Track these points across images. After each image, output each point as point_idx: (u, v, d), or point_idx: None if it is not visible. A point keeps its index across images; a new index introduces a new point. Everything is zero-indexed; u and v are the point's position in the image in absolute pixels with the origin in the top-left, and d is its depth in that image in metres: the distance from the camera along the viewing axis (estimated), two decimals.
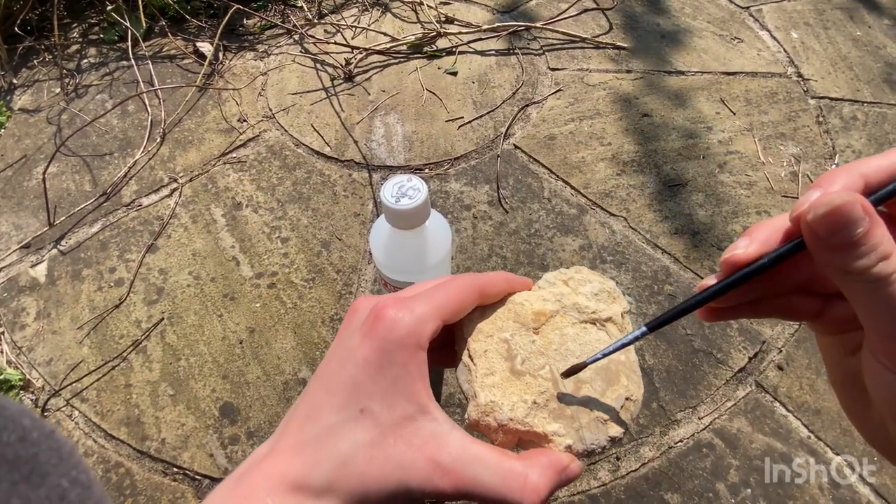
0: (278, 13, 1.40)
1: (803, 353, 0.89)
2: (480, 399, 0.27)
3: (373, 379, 0.25)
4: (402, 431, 0.24)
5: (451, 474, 0.24)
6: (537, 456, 0.26)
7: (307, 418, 0.25)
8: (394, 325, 0.25)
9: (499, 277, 0.30)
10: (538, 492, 0.24)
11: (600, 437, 0.27)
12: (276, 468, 0.24)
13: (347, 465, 0.23)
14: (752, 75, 1.25)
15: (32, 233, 1.01)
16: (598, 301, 0.31)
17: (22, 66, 1.29)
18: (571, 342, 0.29)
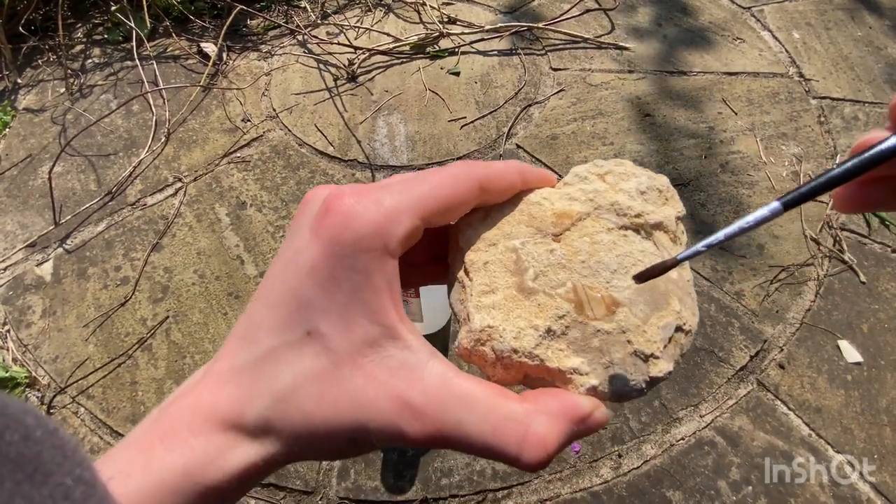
0: (282, 14, 1.41)
1: (804, 352, 0.89)
2: (475, 322, 0.21)
3: (324, 291, 0.19)
4: (361, 361, 0.19)
5: (424, 418, 0.18)
6: (546, 398, 0.20)
7: (243, 339, 0.20)
8: (351, 221, 0.19)
9: (509, 168, 0.23)
10: (544, 446, 0.19)
11: (637, 378, 0.21)
12: (204, 400, 0.19)
13: (289, 401, 0.19)
14: (753, 75, 1.26)
15: (38, 231, 1.02)
16: (644, 201, 0.23)
17: (26, 66, 1.30)
18: (606, 253, 0.22)
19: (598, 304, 0.21)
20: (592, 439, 0.81)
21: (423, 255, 0.26)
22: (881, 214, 1.04)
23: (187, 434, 0.19)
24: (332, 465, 0.79)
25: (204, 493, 0.18)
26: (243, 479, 0.19)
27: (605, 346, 0.21)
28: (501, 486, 0.78)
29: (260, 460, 0.19)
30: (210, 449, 0.19)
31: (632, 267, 0.22)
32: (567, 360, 0.21)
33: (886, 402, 0.85)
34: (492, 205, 0.24)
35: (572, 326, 0.21)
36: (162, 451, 0.18)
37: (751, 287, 0.96)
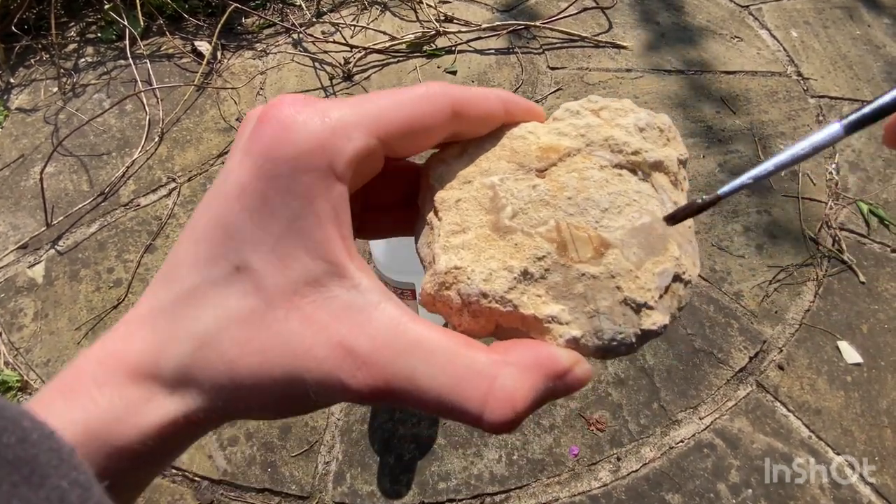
0: (277, 12, 1.40)
1: (804, 353, 0.89)
2: (440, 264, 0.19)
3: (255, 219, 0.16)
4: (298, 301, 0.16)
5: (369, 367, 0.16)
6: (518, 348, 0.17)
7: (165, 278, 0.17)
8: (288, 132, 0.16)
9: (490, 94, 0.20)
10: (511, 402, 0.16)
11: (626, 330, 0.18)
12: (113, 347, 0.17)
13: (210, 347, 0.16)
14: (751, 74, 1.25)
15: (30, 233, 1.01)
16: (643, 139, 0.21)
17: (19, 66, 1.29)
18: (596, 190, 0.19)
19: (585, 245, 0.19)
20: (591, 442, 0.80)
21: (391, 197, 0.23)
22: (880, 213, 1.04)
23: (91, 386, 0.16)
24: (328, 470, 0.79)
25: (113, 454, 0.16)
26: (164, 438, 0.16)
27: (590, 293, 0.18)
28: (499, 490, 0.77)
29: (181, 416, 0.16)
30: (118, 403, 0.16)
31: (625, 207, 0.19)
32: (545, 306, 0.18)
33: (887, 404, 0.84)
34: (470, 139, 0.21)
35: (553, 269, 0.18)
36: (61, 406, 0.16)
37: (750, 287, 0.95)
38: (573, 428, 0.82)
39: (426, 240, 0.20)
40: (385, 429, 0.81)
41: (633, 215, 0.19)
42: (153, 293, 0.17)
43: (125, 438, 0.16)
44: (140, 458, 0.16)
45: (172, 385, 0.16)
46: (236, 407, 0.17)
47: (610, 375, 0.86)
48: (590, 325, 0.18)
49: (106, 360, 0.17)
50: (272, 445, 0.80)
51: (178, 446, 0.18)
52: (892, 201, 1.06)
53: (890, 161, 1.12)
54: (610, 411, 0.83)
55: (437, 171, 0.21)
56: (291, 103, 0.17)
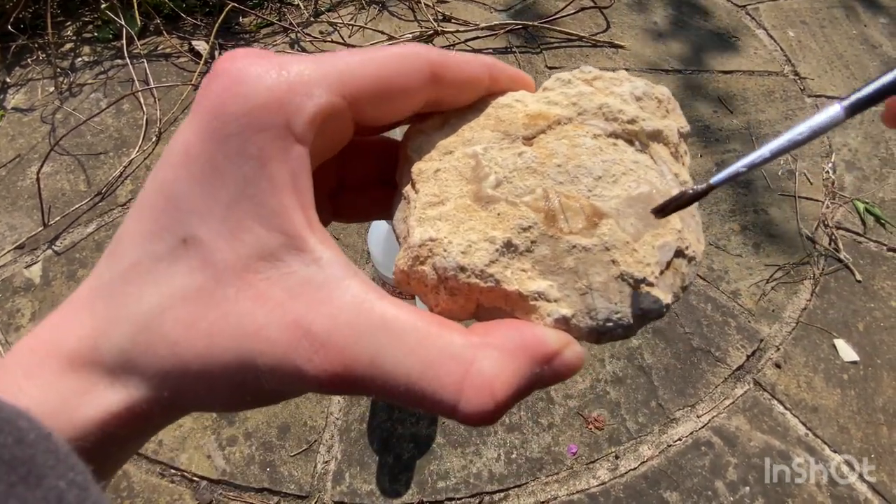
0: (274, 11, 1.39)
1: (801, 352, 0.89)
2: (414, 237, 0.17)
3: (202, 185, 0.15)
4: (251, 278, 0.14)
5: (328, 350, 0.14)
6: (501, 329, 0.15)
7: (108, 256, 0.16)
8: (240, 86, 0.14)
9: (473, 59, 0.18)
10: (491, 390, 0.14)
11: (623, 308, 0.16)
12: (47, 335, 0.15)
13: (153, 329, 0.14)
14: (749, 74, 1.26)
15: (27, 233, 1.01)
16: (640, 108, 0.19)
17: (15, 65, 1.28)
18: (589, 157, 0.17)
19: (576, 215, 0.17)
20: (589, 441, 0.80)
21: (369, 175, 0.22)
22: (876, 212, 1.04)
23: (21, 378, 0.14)
24: (326, 470, 0.79)
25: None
26: (107, 434, 0.15)
27: (581, 267, 0.16)
28: (498, 489, 0.77)
29: (123, 408, 0.15)
30: (50, 396, 0.14)
31: (621, 176, 0.17)
32: (531, 282, 0.16)
33: (883, 401, 0.85)
34: (451, 110, 0.19)
35: (540, 241, 0.16)
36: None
37: (747, 286, 0.95)
38: (572, 426, 0.82)
39: (402, 214, 0.18)
40: (384, 428, 0.82)
41: (629, 184, 0.17)
42: (96, 274, 0.16)
43: (62, 435, 0.14)
44: (85, 454, 0.14)
45: (113, 373, 0.15)
46: (184, 397, 0.15)
47: (608, 374, 0.86)
48: (582, 303, 0.16)
49: (38, 349, 0.15)
50: (271, 445, 0.80)
51: (126, 442, 0.16)
52: (888, 200, 1.06)
53: (886, 160, 1.13)
54: (608, 410, 0.83)
55: (416, 141, 0.19)
56: (245, 56, 0.15)
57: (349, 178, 0.22)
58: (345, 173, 0.21)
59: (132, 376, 0.15)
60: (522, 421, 0.82)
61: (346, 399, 0.84)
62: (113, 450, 0.16)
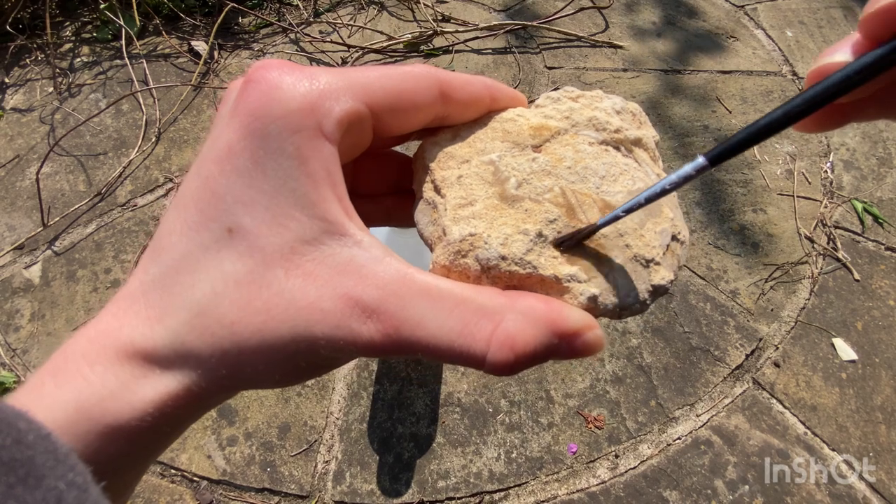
0: (274, 11, 1.39)
1: (799, 350, 0.90)
2: (454, 234, 0.19)
3: (245, 179, 0.16)
4: (297, 260, 0.16)
5: (380, 316, 0.15)
6: (531, 299, 0.17)
7: (153, 251, 0.17)
8: (276, 91, 0.16)
9: (475, 79, 0.20)
10: (512, 346, 0.16)
11: (640, 286, 0.19)
12: (105, 326, 0.16)
13: (208, 314, 0.15)
14: (747, 74, 1.26)
15: (26, 234, 1.00)
16: (621, 120, 0.22)
17: (14, 65, 1.28)
18: (592, 160, 0.20)
19: (591, 208, 0.19)
20: (589, 440, 0.81)
21: (380, 185, 0.23)
22: (874, 211, 1.04)
23: (83, 365, 0.15)
24: (327, 469, 0.79)
25: (107, 433, 0.15)
26: (164, 414, 0.16)
27: (602, 252, 0.19)
28: (498, 489, 0.77)
29: (181, 390, 0.16)
30: (111, 380, 0.15)
31: (619, 175, 0.20)
32: (563, 267, 0.18)
33: (881, 400, 0.85)
34: (460, 124, 0.21)
35: (565, 232, 0.19)
36: (51, 387, 0.15)
37: (746, 286, 0.96)
38: (571, 426, 0.82)
39: (430, 218, 0.20)
40: (384, 428, 0.82)
41: (627, 182, 0.20)
42: (143, 269, 0.17)
43: (120, 416, 0.15)
44: (139, 436, 0.15)
45: (169, 358, 0.16)
46: (243, 375, 0.16)
47: (608, 374, 0.86)
48: (606, 283, 0.18)
49: (97, 339, 0.16)
50: (271, 445, 0.80)
51: (180, 423, 0.17)
52: (886, 200, 1.07)
53: (884, 160, 1.13)
54: (608, 409, 0.83)
55: (432, 152, 0.21)
56: (279, 67, 0.17)
57: (362, 187, 0.23)
58: (358, 183, 0.23)
59: (188, 360, 0.16)
60: (522, 420, 0.82)
61: (346, 399, 0.84)
62: (167, 430, 0.16)
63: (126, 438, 0.15)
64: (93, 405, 0.15)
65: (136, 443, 0.16)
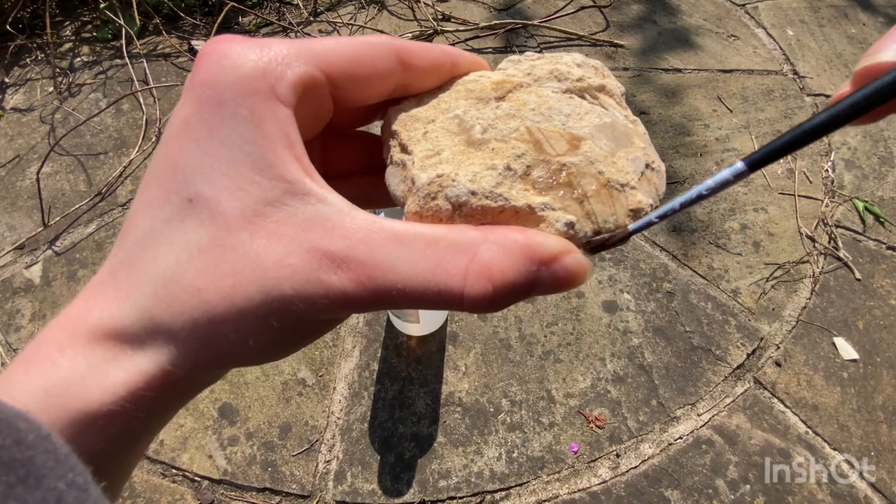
0: (274, 11, 1.39)
1: (801, 350, 0.89)
2: (421, 179, 0.18)
3: (201, 147, 0.16)
4: (261, 222, 0.15)
5: (350, 264, 0.15)
6: (505, 230, 0.17)
7: (121, 235, 0.17)
8: (226, 59, 0.16)
9: (433, 47, 0.20)
10: (488, 275, 0.15)
11: (617, 210, 0.18)
12: (74, 311, 0.16)
13: (174, 283, 0.15)
14: (748, 73, 1.26)
15: (27, 233, 1.00)
16: (583, 71, 0.22)
17: (14, 65, 1.28)
18: (555, 102, 0.20)
19: (559, 140, 0.19)
20: (590, 439, 0.81)
21: (352, 163, 0.23)
22: (875, 210, 1.04)
23: (53, 351, 0.15)
24: (328, 469, 0.79)
25: (78, 420, 0.15)
26: (137, 399, 0.15)
27: (574, 180, 0.18)
28: (500, 488, 0.77)
29: (155, 370, 0.15)
30: (81, 364, 0.15)
31: (585, 114, 0.20)
32: (535, 197, 0.18)
33: (882, 399, 0.85)
34: (423, 92, 0.21)
35: (534, 165, 0.18)
36: (21, 375, 0.15)
37: (747, 285, 0.96)
38: (573, 425, 0.82)
39: (398, 177, 0.20)
40: (385, 427, 0.82)
41: (594, 119, 0.20)
42: (113, 254, 0.17)
43: (91, 400, 0.15)
44: (113, 423, 0.15)
45: (139, 336, 0.15)
46: (215, 346, 0.16)
47: (609, 373, 0.86)
48: (581, 210, 0.18)
49: (66, 325, 0.16)
50: (272, 445, 0.80)
51: (158, 408, 0.16)
52: (887, 199, 1.07)
53: (885, 159, 1.13)
54: (609, 408, 0.83)
55: (397, 118, 0.21)
56: (230, 39, 0.17)
57: (333, 167, 0.23)
58: (328, 163, 0.23)
59: (159, 335, 0.15)
60: (523, 420, 0.82)
61: (347, 399, 0.84)
62: (143, 415, 0.16)
63: (100, 425, 0.15)
64: (63, 390, 0.15)
65: (110, 430, 0.15)
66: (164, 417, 0.18)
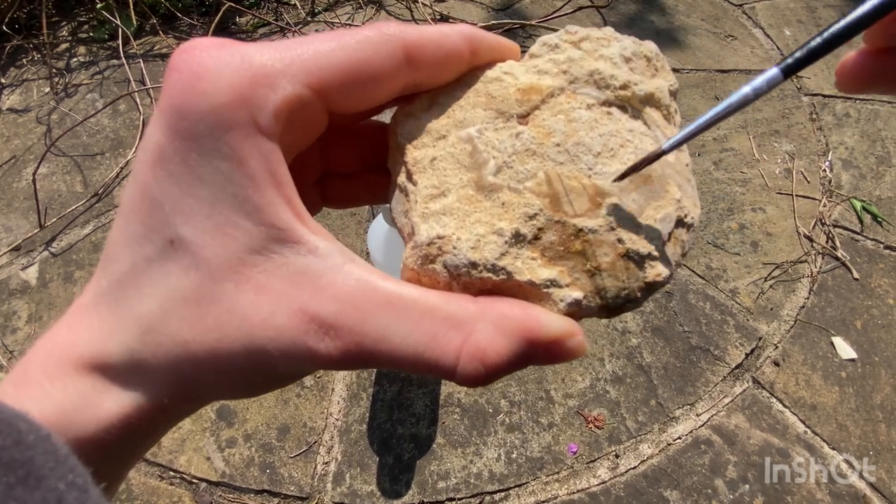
0: (271, 11, 1.39)
1: (799, 349, 0.90)
2: (421, 235, 0.17)
3: (181, 185, 0.14)
4: (247, 272, 0.14)
5: (338, 331, 0.14)
6: (506, 305, 0.16)
7: (104, 262, 0.16)
8: (201, 82, 0.14)
9: (450, 32, 0.17)
10: (482, 359, 0.15)
11: (631, 284, 0.17)
12: (61, 338, 0.16)
13: (159, 331, 0.15)
14: (746, 73, 1.26)
15: (23, 235, 1.00)
16: (631, 70, 0.19)
17: (10, 66, 1.27)
18: (586, 132, 0.17)
19: (579, 197, 0.17)
20: (589, 440, 0.81)
21: (358, 161, 0.21)
22: (873, 210, 1.05)
23: (42, 379, 0.15)
24: (326, 471, 0.79)
25: (76, 448, 0.14)
26: (130, 427, 0.15)
27: (589, 250, 0.17)
28: (499, 489, 0.77)
29: (145, 403, 0.15)
30: (72, 394, 0.15)
31: (619, 149, 0.17)
32: (542, 270, 0.16)
33: (881, 399, 0.85)
34: (437, 88, 0.18)
35: (547, 228, 0.17)
36: (13, 399, 0.15)
37: (745, 284, 0.96)
38: (572, 426, 0.82)
39: (401, 207, 0.18)
40: (384, 429, 0.81)
41: (627, 157, 0.17)
42: (96, 279, 0.16)
43: (86, 429, 0.15)
44: (106, 448, 0.15)
45: (126, 374, 0.15)
46: (203, 389, 0.16)
47: (608, 373, 0.86)
48: (591, 284, 0.17)
49: (54, 351, 0.15)
50: (271, 446, 0.80)
51: (151, 432, 0.17)
52: (884, 198, 1.07)
53: (882, 158, 1.13)
54: (608, 409, 0.83)
55: (405, 127, 0.19)
56: (206, 47, 0.15)
57: (336, 165, 0.22)
58: (331, 160, 0.21)
59: (146, 375, 0.15)
60: (522, 420, 0.82)
61: (345, 400, 0.84)
62: (136, 438, 0.16)
63: (94, 450, 0.15)
64: (58, 418, 0.14)
65: (104, 454, 0.15)
66: (156, 436, 0.18)
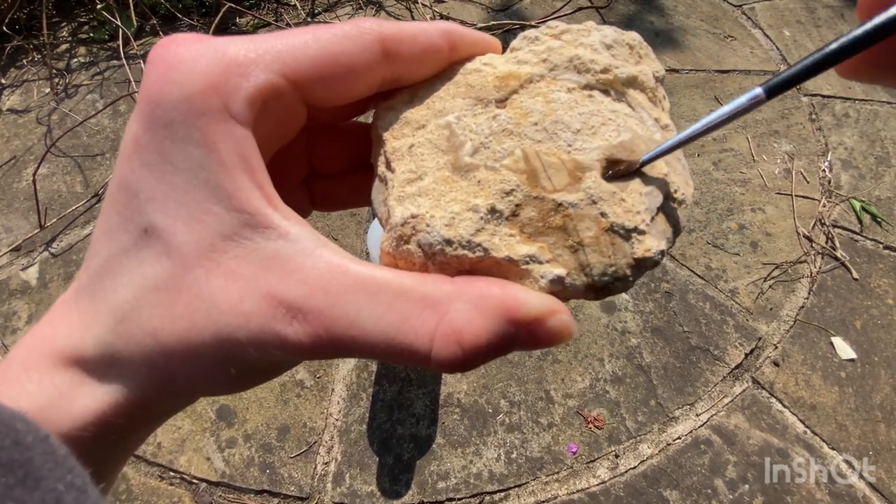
0: (271, 12, 1.39)
1: (798, 349, 0.90)
2: (396, 216, 0.16)
3: (155, 173, 0.15)
4: (218, 258, 0.14)
5: (306, 315, 0.14)
6: (482, 284, 0.15)
7: (88, 254, 0.16)
8: (175, 72, 0.14)
9: (428, 28, 0.18)
10: (458, 339, 0.14)
11: (618, 261, 0.16)
12: (41, 333, 0.16)
13: (131, 320, 0.15)
14: (745, 73, 1.26)
15: (23, 235, 1.00)
16: (612, 56, 0.18)
17: (10, 66, 1.27)
18: (566, 111, 0.17)
19: (558, 171, 0.16)
20: (589, 440, 0.81)
21: (343, 161, 0.22)
22: (872, 210, 1.05)
23: (21, 373, 0.15)
24: (326, 471, 0.79)
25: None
26: (107, 425, 0.15)
27: (570, 224, 0.16)
28: (498, 489, 0.77)
29: (121, 398, 0.15)
30: (48, 389, 0.15)
31: (600, 126, 0.17)
32: (520, 246, 0.16)
33: (880, 399, 0.85)
34: (419, 82, 0.18)
35: (525, 204, 0.16)
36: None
37: (745, 285, 0.96)
38: (571, 426, 0.82)
39: (381, 196, 0.18)
40: (384, 429, 0.81)
41: (609, 134, 0.17)
42: (79, 275, 0.16)
43: (61, 425, 0.15)
44: (82, 444, 0.15)
45: (102, 367, 0.15)
46: (176, 383, 0.15)
47: (607, 374, 0.86)
48: (574, 260, 0.16)
49: (34, 346, 0.15)
50: (270, 447, 0.80)
51: (133, 428, 0.16)
52: (884, 199, 1.07)
53: (882, 159, 1.13)
54: (608, 409, 0.83)
55: (386, 119, 0.18)
56: (181, 41, 0.15)
57: (322, 165, 0.22)
58: (317, 159, 0.21)
59: (119, 367, 0.15)
60: (522, 421, 0.82)
61: (345, 400, 0.84)
62: (114, 437, 0.16)
63: (72, 446, 0.15)
64: (34, 414, 0.14)
65: (83, 450, 0.15)
66: (140, 434, 0.17)
